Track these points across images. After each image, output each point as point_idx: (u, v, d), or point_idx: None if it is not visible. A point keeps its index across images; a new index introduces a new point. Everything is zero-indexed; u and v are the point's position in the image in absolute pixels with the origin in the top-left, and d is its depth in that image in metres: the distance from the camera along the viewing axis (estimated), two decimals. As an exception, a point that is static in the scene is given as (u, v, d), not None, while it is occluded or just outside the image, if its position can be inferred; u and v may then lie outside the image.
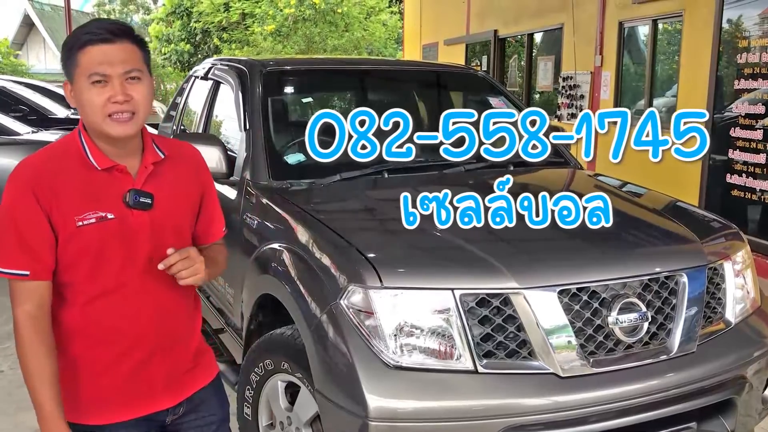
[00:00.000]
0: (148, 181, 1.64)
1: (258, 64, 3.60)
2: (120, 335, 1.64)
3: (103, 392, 1.66)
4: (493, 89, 4.09)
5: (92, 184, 1.58)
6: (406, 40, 17.01)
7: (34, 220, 1.52)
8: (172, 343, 1.73)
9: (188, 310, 1.80)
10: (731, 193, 6.18)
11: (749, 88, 5.94)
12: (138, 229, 1.61)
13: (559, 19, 9.34)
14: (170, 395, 1.75)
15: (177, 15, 24.68)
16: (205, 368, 1.85)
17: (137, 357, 1.67)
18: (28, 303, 1.56)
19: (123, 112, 1.54)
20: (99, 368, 1.65)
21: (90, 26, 1.56)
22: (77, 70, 1.54)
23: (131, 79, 1.55)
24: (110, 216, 1.57)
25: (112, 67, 1.52)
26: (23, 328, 1.56)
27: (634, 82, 8.20)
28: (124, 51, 1.54)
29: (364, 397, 2.04)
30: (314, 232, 2.49)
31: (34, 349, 1.57)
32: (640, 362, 2.25)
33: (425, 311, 2.14)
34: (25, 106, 10.13)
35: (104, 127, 1.55)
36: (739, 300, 2.59)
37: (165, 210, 1.65)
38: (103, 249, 1.58)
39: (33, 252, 1.54)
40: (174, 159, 1.72)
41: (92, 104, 1.53)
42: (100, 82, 1.52)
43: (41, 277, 1.56)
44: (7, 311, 5.09)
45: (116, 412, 1.67)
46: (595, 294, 2.24)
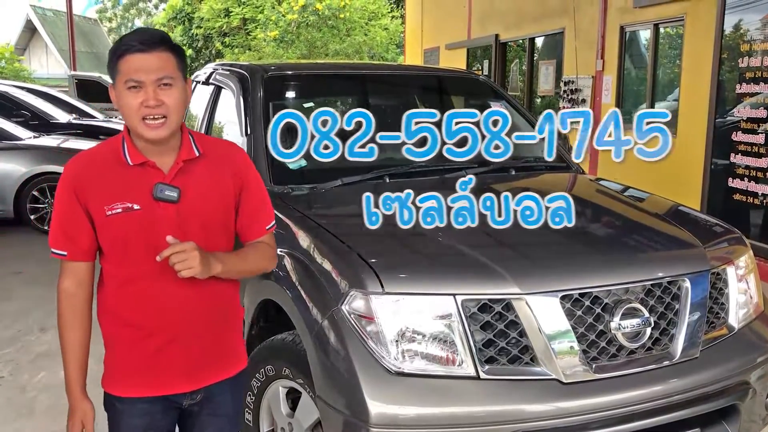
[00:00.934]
0: (177, 176, 1.76)
1: (259, 69, 3.60)
2: (143, 320, 1.78)
3: (128, 369, 1.83)
4: (495, 93, 4.09)
5: (124, 178, 1.74)
6: (407, 45, 17.04)
7: (71, 210, 1.74)
8: (196, 334, 1.82)
9: (217, 304, 1.86)
10: (733, 197, 6.17)
11: (751, 92, 5.94)
12: (163, 221, 1.72)
13: (561, 23, 9.35)
14: (188, 382, 1.85)
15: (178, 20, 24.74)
16: (229, 363, 1.94)
17: (158, 342, 1.79)
18: (67, 280, 1.80)
19: (155, 116, 1.68)
20: (125, 347, 1.82)
21: (130, 36, 1.72)
22: (117, 76, 1.70)
23: (164, 85, 1.69)
24: (136, 207, 1.72)
25: (146, 74, 1.67)
26: (61, 300, 1.81)
27: (636, 86, 8.20)
28: (158, 59, 1.68)
29: (365, 404, 2.03)
30: (315, 237, 2.49)
31: (67, 321, 1.81)
32: (642, 368, 2.24)
33: (427, 317, 2.13)
34: (27, 111, 10.14)
35: (139, 129, 1.70)
36: (742, 305, 2.58)
37: (193, 204, 1.76)
38: (129, 237, 1.74)
39: (70, 237, 1.76)
40: (210, 157, 1.83)
41: (128, 107, 1.69)
42: (135, 88, 1.68)
43: (77, 258, 1.78)
44: (7, 318, 5.09)
45: (137, 387, 1.83)
46: (597, 299, 2.23)
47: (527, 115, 3.97)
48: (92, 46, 36.93)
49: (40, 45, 36.53)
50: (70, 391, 1.84)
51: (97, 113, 12.67)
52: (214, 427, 1.96)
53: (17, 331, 4.59)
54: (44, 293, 5.36)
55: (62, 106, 11.80)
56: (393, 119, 4.28)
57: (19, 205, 7.44)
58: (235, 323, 1.97)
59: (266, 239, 1.94)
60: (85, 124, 11.06)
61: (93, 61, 34.09)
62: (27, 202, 7.44)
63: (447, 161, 3.78)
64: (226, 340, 1.93)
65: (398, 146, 3.70)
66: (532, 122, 3.91)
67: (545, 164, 3.66)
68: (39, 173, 7.47)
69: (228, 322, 1.93)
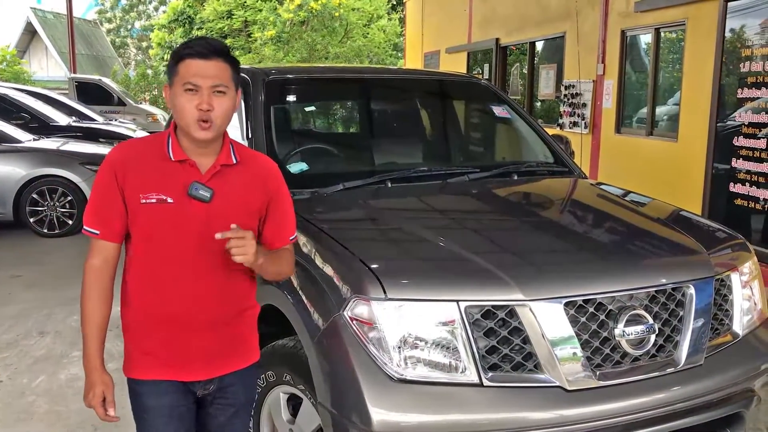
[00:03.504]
0: (213, 178, 1.86)
1: (260, 72, 3.59)
2: (161, 307, 1.87)
3: (145, 352, 1.92)
4: (498, 98, 4.07)
5: (163, 171, 1.83)
6: (407, 48, 17.05)
7: (109, 193, 1.83)
8: (212, 326, 1.91)
9: (233, 300, 1.95)
10: (734, 202, 6.15)
11: (752, 97, 5.93)
12: (192, 218, 1.82)
13: (562, 27, 9.35)
14: (202, 371, 1.94)
15: (179, 22, 24.77)
16: (242, 355, 2.01)
17: (174, 330, 1.88)
18: (96, 257, 1.88)
19: (205, 120, 1.79)
20: (143, 331, 1.91)
21: (193, 43, 1.83)
22: (176, 77, 1.81)
23: (218, 92, 1.80)
24: (169, 200, 1.82)
25: (203, 79, 1.79)
26: (87, 275, 1.88)
27: (637, 90, 8.19)
28: (216, 67, 1.80)
29: (367, 411, 2.01)
30: (317, 242, 2.47)
31: (90, 295, 1.88)
32: (647, 375, 2.23)
33: (430, 323, 2.11)
34: (27, 114, 10.13)
35: (190, 129, 1.80)
36: (746, 311, 2.57)
37: (222, 207, 1.84)
38: (158, 227, 1.83)
39: (104, 217, 1.85)
40: (245, 166, 1.93)
41: (183, 108, 1.79)
42: (191, 90, 1.79)
43: (108, 239, 1.86)
44: (6, 321, 5.06)
45: (155, 369, 1.91)
46: (601, 306, 2.22)
47: (529, 120, 3.96)
48: (92, 49, 36.94)
49: (40, 47, 36.53)
50: (89, 363, 1.89)
51: (96, 116, 12.66)
52: (224, 416, 2.04)
53: (16, 335, 4.57)
54: (43, 297, 5.35)
55: (62, 108, 11.79)
56: (394, 123, 4.30)
57: (18, 208, 7.42)
58: (251, 318, 2.05)
59: (289, 247, 2.04)
60: (85, 126, 11.05)
61: (93, 63, 34.13)
62: (26, 205, 7.43)
63: (449, 165, 3.79)
64: (241, 333, 2.00)
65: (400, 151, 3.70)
66: (533, 126, 3.91)
67: (547, 169, 3.65)
68: (38, 176, 7.46)
69: (243, 316, 2.00)
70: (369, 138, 4.05)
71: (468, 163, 3.84)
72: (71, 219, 7.52)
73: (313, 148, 3.61)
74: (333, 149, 3.71)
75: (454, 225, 2.88)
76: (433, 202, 3.15)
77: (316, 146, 3.70)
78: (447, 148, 4.15)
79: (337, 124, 5.06)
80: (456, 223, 2.92)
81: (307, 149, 3.50)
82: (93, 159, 7.73)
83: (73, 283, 5.63)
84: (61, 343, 4.41)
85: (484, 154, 4.38)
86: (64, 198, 7.50)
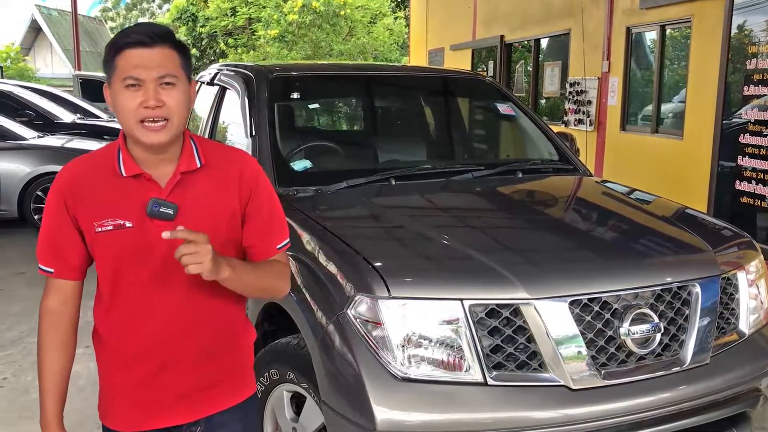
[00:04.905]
0: (175, 190, 1.58)
1: (264, 69, 3.58)
2: (132, 344, 1.63)
3: (117, 398, 1.67)
4: (502, 95, 4.06)
5: (116, 192, 1.57)
6: (412, 46, 17.01)
7: (60, 223, 1.59)
8: (192, 359, 1.65)
9: (218, 327, 1.68)
10: (740, 200, 6.12)
11: (758, 94, 5.89)
12: (157, 241, 1.50)
13: (566, 24, 9.31)
14: (183, 412, 1.68)
15: (183, 21, 24.79)
16: (233, 389, 1.74)
17: (150, 368, 1.64)
18: (51, 297, 1.64)
19: (155, 119, 1.51)
20: (114, 372, 1.67)
21: (130, 29, 1.55)
22: (114, 73, 1.53)
23: (166, 84, 1.52)
24: (128, 224, 1.56)
25: (146, 71, 1.50)
26: (42, 319, 1.65)
27: (642, 87, 8.16)
28: (161, 55, 1.52)
29: (371, 409, 2.00)
30: (320, 240, 2.46)
31: (47, 342, 1.64)
32: (652, 374, 2.21)
33: (434, 322, 2.10)
34: (32, 111, 10.14)
35: (136, 134, 1.53)
36: (752, 310, 2.55)
37: (192, 222, 1.53)
38: (120, 257, 1.58)
39: (58, 252, 1.61)
40: (213, 167, 1.64)
41: (125, 108, 1.52)
42: (133, 86, 1.51)
43: (64, 276, 1.63)
44: (10, 318, 5.06)
45: (130, 421, 1.67)
46: (606, 304, 2.20)
47: (534, 117, 3.95)
48: (97, 46, 36.98)
49: (44, 45, 36.61)
50: (45, 421, 1.66)
51: (101, 113, 12.66)
52: None
53: (20, 333, 4.57)
54: (47, 294, 5.35)
55: (66, 105, 11.80)
56: (398, 121, 4.28)
57: (22, 206, 7.43)
58: (242, 346, 1.78)
59: (279, 258, 1.73)
60: (90, 124, 11.06)
61: (98, 60, 34.12)
62: (31, 202, 7.44)
63: (453, 163, 3.78)
64: (230, 365, 1.73)
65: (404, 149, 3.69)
66: (538, 124, 3.89)
67: (552, 166, 3.64)
68: (43, 173, 7.46)
69: (233, 345, 1.74)
70: (373, 135, 4.04)
71: (472, 161, 3.82)
72: (75, 216, 7.53)
73: (316, 146, 3.60)
74: (337, 147, 3.70)
75: (458, 223, 2.87)
76: (437, 200, 3.14)
77: (319, 144, 3.69)
78: (451, 146, 4.14)
79: (340, 121, 5.05)
80: (460, 221, 2.91)
81: (310, 147, 3.50)
82: (97, 156, 7.73)
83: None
84: (65, 340, 4.41)
85: (488, 151, 4.36)
86: (69, 195, 7.50)
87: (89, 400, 3.55)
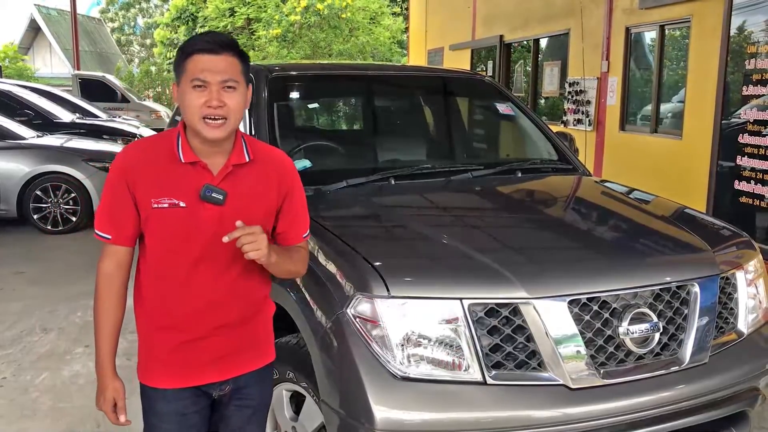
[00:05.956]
0: (226, 179, 1.80)
1: (263, 69, 3.58)
2: (172, 311, 1.84)
3: (158, 360, 1.89)
4: (501, 95, 4.06)
5: (174, 174, 1.79)
6: (411, 45, 17.02)
7: (120, 197, 1.80)
8: (225, 329, 1.88)
9: (247, 301, 1.92)
10: (739, 200, 6.12)
11: (757, 94, 5.90)
12: (205, 221, 1.78)
13: (566, 24, 9.32)
14: (216, 372, 1.91)
15: (182, 20, 24.78)
16: (257, 355, 1.99)
17: (188, 335, 1.85)
18: (107, 261, 1.85)
19: (216, 117, 1.73)
20: (153, 336, 1.89)
21: (200, 37, 1.78)
22: (183, 74, 1.75)
23: (228, 87, 1.74)
24: (182, 204, 1.77)
25: (212, 75, 1.73)
26: (98, 280, 1.87)
27: (641, 87, 8.16)
28: (225, 62, 1.74)
29: (370, 409, 2.01)
30: (320, 240, 2.46)
31: (102, 300, 1.86)
32: (651, 373, 2.22)
33: (433, 321, 2.11)
34: (31, 111, 10.14)
35: (199, 128, 1.75)
36: (751, 310, 2.56)
37: (237, 208, 1.79)
38: (170, 232, 1.79)
39: (116, 222, 1.82)
40: (259, 163, 1.87)
41: (191, 106, 1.74)
42: (200, 87, 1.73)
43: (120, 243, 1.84)
44: (9, 318, 5.07)
45: (166, 378, 1.89)
46: (605, 304, 2.21)
47: (533, 117, 3.95)
48: (96, 46, 36.99)
49: (44, 44, 36.58)
50: (100, 368, 1.89)
51: (100, 113, 12.67)
52: (240, 417, 2.01)
53: (20, 332, 4.57)
54: (47, 293, 5.35)
55: (66, 105, 11.79)
56: (398, 121, 4.28)
57: (22, 205, 7.44)
58: (265, 318, 2.02)
59: (303, 245, 1.99)
60: (89, 123, 11.05)
61: (97, 60, 34.16)
62: (30, 202, 7.44)
63: (452, 163, 3.78)
64: (255, 333, 1.97)
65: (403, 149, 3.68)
66: (537, 124, 3.89)
67: (551, 166, 3.64)
68: (42, 173, 7.47)
69: (258, 316, 1.97)
70: (372, 135, 4.04)
71: (471, 161, 3.82)
72: (75, 216, 7.53)
73: (316, 145, 3.60)
74: (336, 146, 3.70)
75: (457, 222, 2.88)
76: (436, 200, 3.14)
77: (319, 143, 3.69)
78: (450, 146, 4.14)
79: (340, 121, 5.06)
80: (459, 220, 2.91)
81: (310, 146, 3.50)
82: (96, 156, 7.73)
83: (76, 280, 5.65)
84: (64, 339, 4.41)
85: (487, 151, 4.37)
86: (68, 195, 7.50)
87: (89, 399, 3.56)
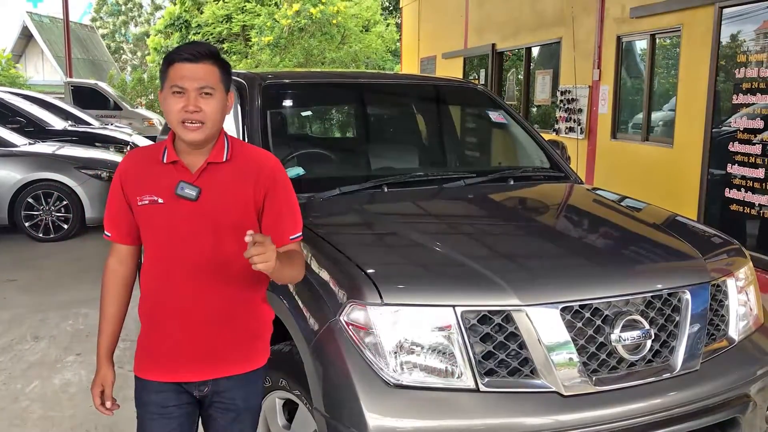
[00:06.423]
0: (201, 176, 1.90)
1: (257, 77, 3.58)
2: (159, 305, 1.95)
3: (142, 349, 2.01)
4: (493, 103, 4.08)
5: (155, 174, 1.92)
6: (403, 53, 17.06)
7: (116, 198, 1.97)
8: (205, 326, 1.93)
9: (232, 301, 1.95)
10: (730, 207, 6.17)
11: (747, 102, 5.95)
12: (182, 216, 1.88)
13: (558, 33, 9.37)
14: (193, 372, 1.96)
15: (176, 27, 24.78)
16: (240, 359, 2.00)
17: (168, 329, 1.94)
18: (112, 257, 2.04)
19: (193, 121, 1.83)
20: (145, 329, 2.00)
21: (183, 47, 1.89)
22: (166, 81, 1.88)
23: (205, 94, 1.84)
24: (160, 200, 1.89)
25: (189, 81, 1.83)
26: (104, 275, 2.04)
27: (632, 96, 8.21)
28: (203, 70, 1.85)
29: (363, 416, 2.01)
30: (313, 247, 2.46)
31: (105, 291, 2.04)
32: (643, 380, 2.22)
33: (426, 328, 2.11)
34: (23, 118, 10.11)
35: (178, 131, 1.86)
36: (742, 317, 2.57)
37: (209, 205, 1.89)
38: (155, 228, 1.92)
39: (115, 221, 1.99)
40: (239, 162, 1.94)
41: (171, 110, 1.85)
42: (179, 93, 1.84)
43: (120, 241, 2.01)
44: (1, 326, 5.02)
45: (149, 371, 1.98)
46: (597, 311, 2.21)
47: (525, 125, 3.97)
48: (89, 53, 36.91)
49: (36, 51, 36.49)
50: (98, 354, 2.04)
51: (92, 120, 12.63)
52: (223, 419, 2.03)
53: (10, 340, 4.54)
54: (38, 301, 5.32)
55: (58, 112, 11.76)
56: (391, 128, 4.29)
57: (13, 212, 7.40)
58: (257, 321, 2.03)
59: (296, 248, 2.00)
60: (81, 130, 11.02)
61: (89, 67, 34.08)
62: (22, 209, 7.41)
63: (445, 170, 3.79)
64: (242, 337, 1.99)
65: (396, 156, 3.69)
66: (529, 132, 3.91)
67: (543, 174, 3.65)
68: (34, 180, 7.44)
69: (248, 318, 1.99)
70: (365, 143, 4.05)
71: (464, 168, 3.84)
72: (66, 223, 7.51)
73: (309, 153, 3.61)
74: (329, 154, 3.70)
75: (450, 230, 2.88)
76: (429, 207, 3.15)
77: (312, 151, 3.70)
78: (443, 153, 4.15)
79: (333, 128, 5.07)
80: (452, 228, 2.92)
81: (303, 154, 3.50)
82: (88, 163, 7.71)
83: (68, 287, 5.62)
84: (55, 348, 4.39)
85: (480, 159, 4.38)
86: (60, 202, 7.48)
87: (80, 407, 3.55)
